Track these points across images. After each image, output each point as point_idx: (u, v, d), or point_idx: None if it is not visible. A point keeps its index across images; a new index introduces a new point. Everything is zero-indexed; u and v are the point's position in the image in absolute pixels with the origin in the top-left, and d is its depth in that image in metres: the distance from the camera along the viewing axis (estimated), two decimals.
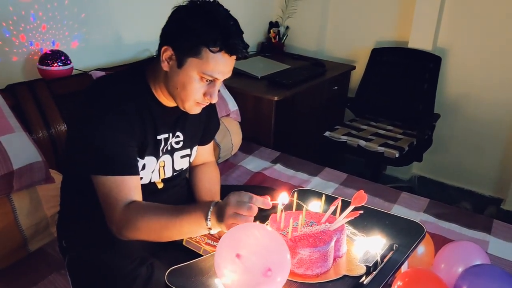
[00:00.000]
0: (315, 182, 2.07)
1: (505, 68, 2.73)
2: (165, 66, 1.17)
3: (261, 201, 1.02)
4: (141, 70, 1.25)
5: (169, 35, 1.17)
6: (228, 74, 1.19)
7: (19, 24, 1.83)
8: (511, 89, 2.75)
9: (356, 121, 2.98)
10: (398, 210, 1.87)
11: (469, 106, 2.91)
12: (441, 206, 1.92)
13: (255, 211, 1.01)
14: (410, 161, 2.74)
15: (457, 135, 3.00)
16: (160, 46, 1.17)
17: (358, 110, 3.12)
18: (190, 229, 1.09)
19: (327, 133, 2.73)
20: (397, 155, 2.50)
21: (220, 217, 1.02)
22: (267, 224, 1.15)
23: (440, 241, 1.58)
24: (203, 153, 1.53)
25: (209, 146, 1.56)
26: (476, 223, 1.81)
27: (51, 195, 1.54)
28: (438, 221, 1.81)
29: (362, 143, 2.60)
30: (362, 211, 1.08)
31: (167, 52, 1.15)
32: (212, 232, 1.06)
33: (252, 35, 3.27)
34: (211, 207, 1.05)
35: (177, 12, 1.16)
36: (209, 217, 1.04)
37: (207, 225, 1.04)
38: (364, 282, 1.02)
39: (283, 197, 1.06)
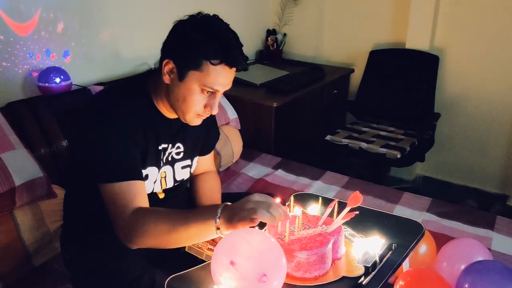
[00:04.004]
0: (316, 186, 2.07)
1: (503, 63, 2.73)
2: (166, 79, 1.19)
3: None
4: (141, 82, 1.28)
5: (170, 48, 1.19)
6: (228, 86, 1.21)
7: (18, 42, 1.87)
8: (509, 86, 2.74)
9: (357, 123, 2.98)
10: (400, 210, 1.87)
11: (469, 104, 2.90)
12: (443, 205, 1.91)
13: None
14: (412, 161, 2.74)
15: (459, 133, 2.99)
16: (162, 59, 1.20)
17: (359, 113, 3.13)
18: (198, 229, 1.08)
19: (328, 137, 2.74)
20: (398, 156, 2.49)
21: (235, 217, 1.02)
22: (265, 229, 1.16)
23: (443, 240, 1.57)
24: (203, 163, 1.55)
25: (210, 156, 1.58)
26: (479, 220, 1.79)
27: (54, 210, 1.56)
28: (441, 219, 1.80)
29: (364, 145, 2.60)
30: (357, 212, 1.09)
31: (169, 65, 1.18)
32: (220, 234, 1.06)
33: (250, 43, 3.29)
34: (222, 206, 1.06)
35: (178, 26, 1.19)
36: (218, 215, 1.04)
37: (215, 222, 1.04)
38: (363, 283, 1.02)
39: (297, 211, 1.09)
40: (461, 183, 3.08)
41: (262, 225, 1.17)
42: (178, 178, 1.39)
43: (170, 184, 1.37)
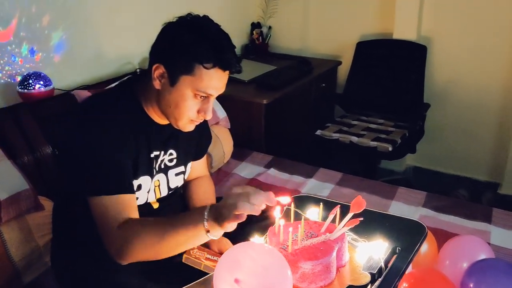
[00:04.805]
0: (311, 184, 2.03)
1: (490, 51, 2.72)
2: (157, 84, 1.14)
3: (266, 195, 0.98)
4: (130, 87, 1.23)
5: (160, 52, 1.14)
6: (222, 89, 1.17)
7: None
8: (497, 73, 2.74)
9: (346, 117, 2.95)
10: (396, 206, 1.85)
11: (458, 93, 2.89)
12: (439, 199, 1.90)
13: (263, 201, 0.98)
14: (403, 153, 2.73)
15: (449, 123, 2.99)
16: (151, 63, 1.14)
17: (348, 106, 3.09)
18: (187, 236, 1.04)
19: (318, 132, 2.70)
20: (390, 149, 2.47)
21: (220, 217, 0.98)
22: (265, 237, 1.12)
23: (442, 235, 1.57)
24: (196, 168, 1.50)
25: (203, 160, 1.54)
26: (475, 213, 1.79)
27: (42, 223, 1.49)
28: (438, 214, 1.79)
29: (355, 139, 2.58)
30: (362, 218, 1.05)
31: (159, 70, 1.13)
32: (211, 236, 1.02)
33: (235, 37, 3.16)
34: (208, 208, 1.02)
35: (168, 29, 1.14)
36: (205, 217, 1.00)
37: (204, 226, 1.00)
38: None
39: (283, 199, 1.03)
40: (452, 172, 3.08)
41: (262, 232, 1.14)
42: (172, 186, 1.34)
43: (164, 192, 1.32)
